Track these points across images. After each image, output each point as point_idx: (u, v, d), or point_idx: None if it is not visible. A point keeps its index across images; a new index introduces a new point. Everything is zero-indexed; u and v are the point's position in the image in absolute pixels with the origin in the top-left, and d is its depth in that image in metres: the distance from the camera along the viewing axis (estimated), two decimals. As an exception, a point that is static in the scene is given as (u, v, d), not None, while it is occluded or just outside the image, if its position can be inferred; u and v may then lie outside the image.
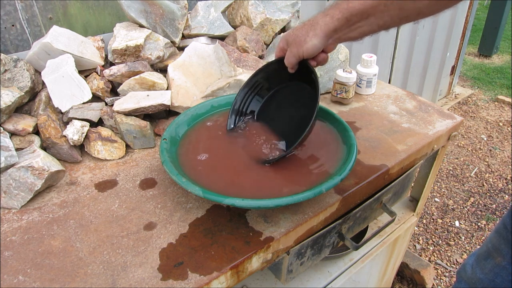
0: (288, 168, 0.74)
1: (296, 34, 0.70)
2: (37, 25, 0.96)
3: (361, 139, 0.91)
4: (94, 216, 0.70)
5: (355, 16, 0.64)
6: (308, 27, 0.68)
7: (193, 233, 0.66)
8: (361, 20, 0.64)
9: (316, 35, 0.67)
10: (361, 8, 0.62)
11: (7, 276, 0.59)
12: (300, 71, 0.77)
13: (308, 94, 0.78)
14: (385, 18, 0.62)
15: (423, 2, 0.59)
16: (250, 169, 0.73)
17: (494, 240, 0.94)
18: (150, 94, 0.89)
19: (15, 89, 0.82)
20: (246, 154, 0.77)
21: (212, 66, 0.99)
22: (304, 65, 0.75)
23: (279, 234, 0.66)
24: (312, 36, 0.68)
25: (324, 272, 1.02)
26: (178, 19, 1.02)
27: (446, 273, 1.68)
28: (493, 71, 3.39)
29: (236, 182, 0.70)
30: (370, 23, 0.64)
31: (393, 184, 0.89)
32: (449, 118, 1.00)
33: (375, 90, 1.13)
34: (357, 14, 0.63)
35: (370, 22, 0.64)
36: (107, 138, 0.85)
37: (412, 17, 0.62)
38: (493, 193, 2.09)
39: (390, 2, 0.60)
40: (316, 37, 0.67)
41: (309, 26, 0.68)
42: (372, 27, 0.65)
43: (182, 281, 0.58)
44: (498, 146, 2.46)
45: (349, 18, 0.64)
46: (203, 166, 0.73)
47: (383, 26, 0.64)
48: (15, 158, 0.72)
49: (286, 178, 0.71)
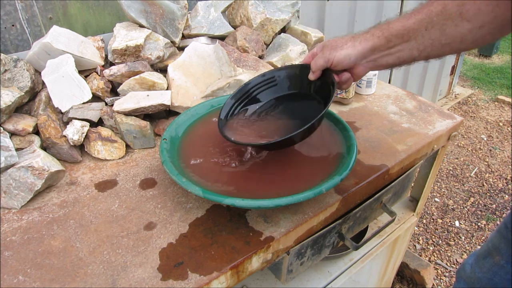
0: (288, 168, 0.74)
1: (334, 40, 0.69)
2: (37, 25, 0.96)
3: (361, 139, 0.91)
4: (94, 216, 0.70)
5: (395, 37, 0.62)
6: (349, 38, 0.67)
7: (193, 233, 0.66)
8: (401, 42, 0.62)
9: (354, 47, 0.66)
10: (401, 29, 0.61)
11: (7, 276, 0.59)
12: (317, 84, 0.75)
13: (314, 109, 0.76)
14: (426, 42, 0.60)
15: (465, 27, 0.56)
16: (250, 170, 0.73)
17: (494, 239, 0.94)
18: (150, 94, 0.89)
19: (15, 89, 0.82)
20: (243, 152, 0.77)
21: (212, 66, 0.99)
22: (325, 76, 0.72)
23: (279, 234, 0.66)
24: (350, 47, 0.66)
25: (324, 272, 1.02)
26: (178, 19, 1.02)
27: (446, 273, 1.68)
28: (493, 71, 3.39)
29: (236, 182, 0.70)
30: (410, 47, 0.62)
31: (393, 184, 0.89)
32: (449, 118, 1.00)
33: (375, 90, 1.13)
34: (398, 35, 0.62)
35: (410, 46, 0.62)
36: (107, 138, 0.85)
37: (455, 45, 0.59)
38: (493, 193, 2.09)
39: (432, 26, 0.58)
40: (353, 48, 0.66)
41: (350, 38, 0.67)
42: (412, 52, 0.62)
43: (182, 281, 0.58)
44: (498, 146, 2.46)
45: (389, 38, 0.63)
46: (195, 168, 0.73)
47: (423, 52, 0.62)
48: (15, 158, 0.72)
49: (286, 178, 0.71)
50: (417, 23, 0.60)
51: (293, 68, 0.81)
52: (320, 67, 0.71)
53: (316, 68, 0.72)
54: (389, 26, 0.63)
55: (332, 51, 0.68)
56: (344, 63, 0.68)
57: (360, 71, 0.70)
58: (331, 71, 0.72)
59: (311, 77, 0.75)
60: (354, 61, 0.67)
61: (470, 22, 0.55)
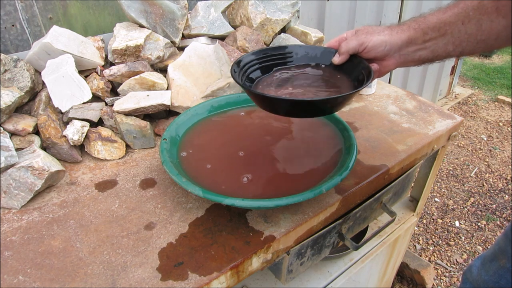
0: (288, 168, 0.74)
1: (370, 27, 0.66)
2: (37, 25, 0.96)
3: (361, 139, 0.91)
4: (94, 216, 0.70)
5: (432, 30, 0.61)
6: (385, 27, 0.65)
7: (193, 233, 0.66)
8: (438, 36, 0.61)
9: (391, 35, 0.63)
10: (438, 23, 0.60)
11: (7, 276, 0.59)
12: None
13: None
14: (462, 37, 0.59)
15: (500, 23, 0.56)
16: (249, 170, 0.73)
17: (501, 242, 0.93)
18: (150, 94, 0.89)
19: (15, 89, 0.82)
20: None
21: (212, 66, 0.99)
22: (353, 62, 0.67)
23: (279, 234, 0.66)
24: (387, 34, 0.63)
25: (324, 272, 1.02)
26: (178, 19, 1.02)
27: (446, 273, 1.68)
28: (493, 71, 3.39)
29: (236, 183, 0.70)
30: (446, 42, 0.61)
31: (393, 184, 0.89)
32: (449, 118, 1.00)
33: (375, 90, 1.13)
34: (434, 28, 0.60)
35: (446, 40, 0.61)
36: (107, 138, 0.85)
37: (490, 42, 0.58)
38: (493, 193, 2.09)
39: (468, 20, 0.58)
40: (390, 36, 0.63)
41: (387, 27, 0.65)
42: (447, 47, 0.61)
43: (182, 281, 0.58)
44: (498, 146, 2.46)
45: (425, 31, 0.61)
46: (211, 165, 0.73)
47: (458, 47, 0.61)
48: (15, 158, 0.72)
49: (286, 178, 0.71)
50: (453, 16, 0.59)
51: (314, 50, 0.74)
52: (351, 50, 0.67)
53: (346, 49, 0.67)
54: (425, 19, 0.62)
55: (368, 35, 0.64)
56: (379, 50, 0.64)
57: (390, 64, 0.67)
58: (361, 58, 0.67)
59: (336, 61, 0.70)
60: (388, 50, 0.64)
61: (505, 18, 0.55)
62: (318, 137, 0.81)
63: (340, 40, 0.70)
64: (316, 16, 1.66)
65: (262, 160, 0.76)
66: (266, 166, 0.74)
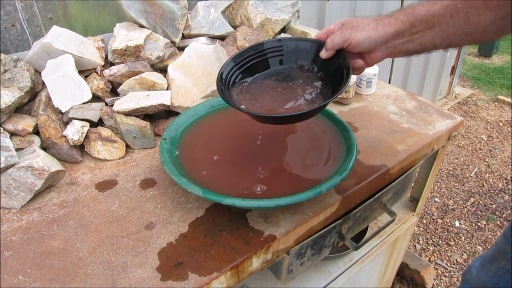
0: (288, 168, 0.74)
1: (355, 20, 0.65)
2: (37, 25, 0.96)
3: (361, 139, 0.91)
4: (94, 216, 0.70)
5: (420, 22, 0.60)
6: (371, 20, 0.64)
7: (193, 233, 0.66)
8: (425, 29, 0.60)
9: (376, 30, 0.63)
10: (426, 15, 0.60)
11: (7, 276, 0.59)
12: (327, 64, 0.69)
13: None
14: (450, 30, 0.59)
15: (488, 17, 0.55)
16: (248, 169, 0.73)
17: (500, 243, 0.93)
18: (150, 94, 0.89)
19: (15, 89, 0.82)
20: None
21: (212, 66, 0.99)
22: (338, 57, 0.67)
23: (279, 234, 0.66)
24: (372, 29, 0.63)
25: (324, 272, 1.02)
26: (178, 19, 1.02)
27: (446, 273, 1.68)
28: (493, 71, 3.39)
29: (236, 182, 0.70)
30: (433, 34, 0.60)
31: (393, 184, 0.89)
32: (449, 118, 1.00)
33: (375, 90, 1.13)
34: (422, 20, 0.60)
35: (433, 33, 0.60)
36: (107, 138, 0.85)
37: (477, 35, 0.58)
38: (493, 193, 2.09)
39: (456, 13, 0.57)
40: (374, 31, 0.63)
41: (373, 19, 0.64)
42: (434, 39, 0.61)
43: (182, 281, 0.58)
44: (498, 146, 2.46)
45: (413, 23, 0.61)
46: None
47: (445, 40, 0.60)
48: (15, 158, 0.72)
49: (285, 178, 0.71)
50: (442, 8, 0.58)
51: (305, 42, 0.74)
52: (336, 46, 0.67)
53: (332, 46, 0.67)
54: (414, 10, 0.61)
55: (352, 31, 0.64)
56: (363, 46, 0.64)
57: (377, 56, 0.66)
58: (346, 53, 0.67)
59: (323, 55, 0.70)
60: (373, 45, 0.64)
61: (493, 12, 0.55)
62: (318, 137, 0.81)
63: (328, 32, 0.70)
64: (316, 16, 1.66)
65: (262, 160, 0.76)
66: (266, 165, 0.74)
